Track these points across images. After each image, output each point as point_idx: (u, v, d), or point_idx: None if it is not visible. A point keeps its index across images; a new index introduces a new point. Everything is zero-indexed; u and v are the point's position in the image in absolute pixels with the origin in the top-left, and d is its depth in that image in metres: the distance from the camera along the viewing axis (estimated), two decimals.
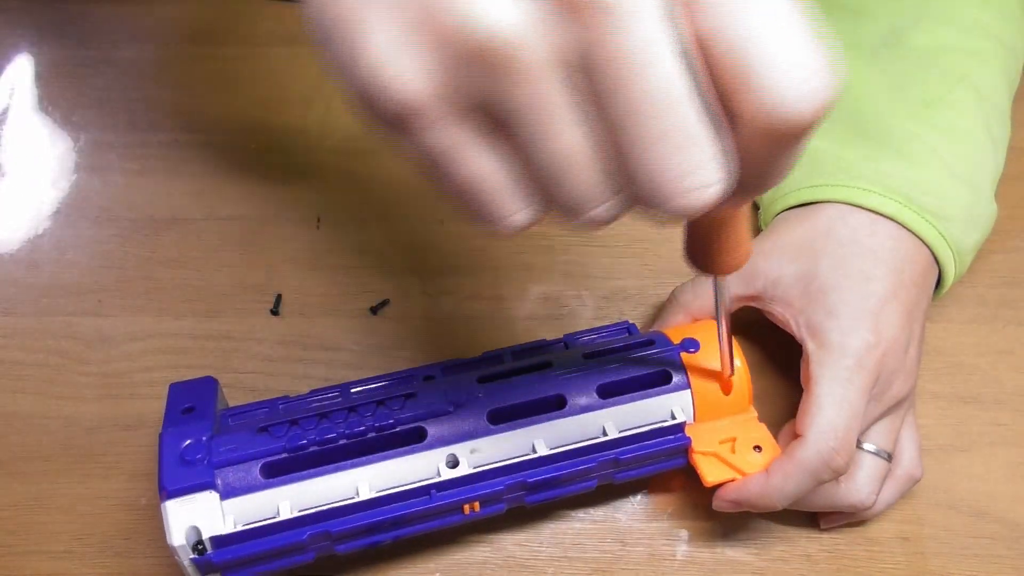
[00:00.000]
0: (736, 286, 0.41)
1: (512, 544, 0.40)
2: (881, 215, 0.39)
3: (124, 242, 0.47)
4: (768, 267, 0.40)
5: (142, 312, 0.45)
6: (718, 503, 0.38)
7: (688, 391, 0.38)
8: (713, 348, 0.38)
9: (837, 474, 0.36)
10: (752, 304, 0.41)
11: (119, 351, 0.44)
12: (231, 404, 0.42)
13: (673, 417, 0.38)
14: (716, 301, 0.35)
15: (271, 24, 0.55)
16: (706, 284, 0.41)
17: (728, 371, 0.37)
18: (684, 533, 0.41)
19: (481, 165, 0.22)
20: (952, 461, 0.43)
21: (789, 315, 0.39)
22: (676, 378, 0.38)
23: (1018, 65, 0.46)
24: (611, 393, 0.37)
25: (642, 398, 0.38)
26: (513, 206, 0.23)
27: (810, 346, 0.38)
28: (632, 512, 0.41)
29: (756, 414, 0.39)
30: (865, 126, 0.42)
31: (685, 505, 0.41)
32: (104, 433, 0.42)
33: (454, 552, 0.40)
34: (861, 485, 0.38)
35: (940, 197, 0.40)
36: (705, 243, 0.29)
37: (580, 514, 0.41)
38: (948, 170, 0.41)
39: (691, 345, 0.38)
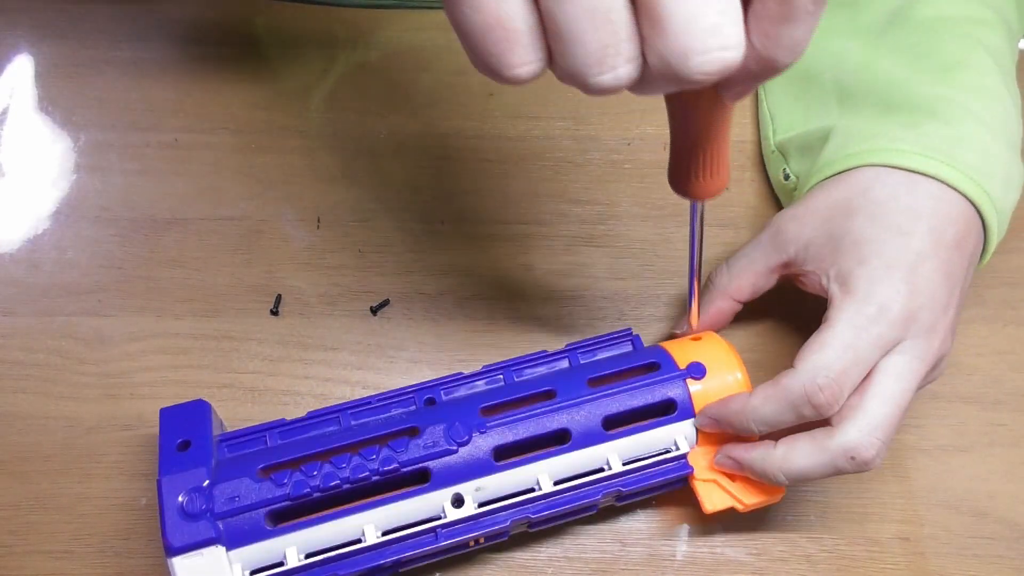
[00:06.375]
0: (768, 255, 0.40)
1: (512, 544, 0.40)
2: (921, 174, 0.38)
3: (124, 242, 0.47)
4: (800, 231, 0.39)
5: (142, 312, 0.45)
6: (699, 419, 0.38)
7: (692, 420, 0.38)
8: (719, 371, 0.38)
9: (819, 413, 0.34)
10: (785, 272, 0.40)
11: (119, 351, 0.44)
12: (230, 404, 0.42)
13: (676, 447, 0.38)
14: (692, 230, 0.35)
15: (271, 24, 0.55)
16: (740, 261, 0.41)
17: (695, 320, 0.39)
18: (684, 533, 0.41)
19: (507, 6, 0.23)
20: (952, 461, 0.43)
21: (820, 271, 0.38)
22: (680, 407, 0.38)
23: (1014, 42, 0.45)
24: (615, 424, 0.37)
25: (647, 429, 0.38)
26: (525, 56, 0.24)
27: (835, 290, 0.36)
28: (632, 513, 0.41)
29: (758, 437, 0.39)
30: (893, 100, 0.41)
31: (685, 506, 0.41)
32: (104, 433, 0.42)
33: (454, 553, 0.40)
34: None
35: (981, 153, 0.38)
36: (689, 164, 0.31)
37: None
38: (984, 126, 0.39)
39: (697, 371, 0.38)
